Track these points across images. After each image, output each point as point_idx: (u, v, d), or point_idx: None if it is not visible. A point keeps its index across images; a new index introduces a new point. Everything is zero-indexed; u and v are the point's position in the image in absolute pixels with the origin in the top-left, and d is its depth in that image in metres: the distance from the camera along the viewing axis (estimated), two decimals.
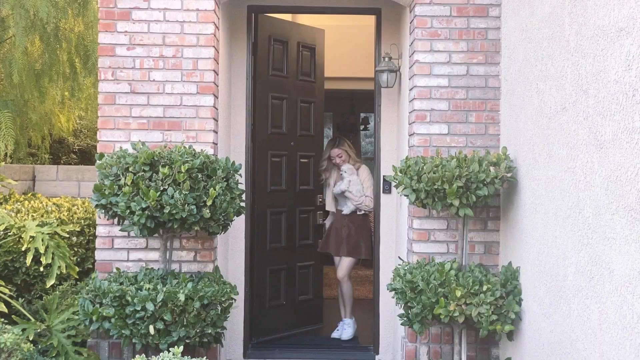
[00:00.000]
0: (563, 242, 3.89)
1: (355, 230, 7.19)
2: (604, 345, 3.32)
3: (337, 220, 7.31)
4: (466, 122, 5.25)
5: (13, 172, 8.65)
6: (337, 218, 7.33)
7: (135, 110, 5.24)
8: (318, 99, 7.56)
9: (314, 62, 7.50)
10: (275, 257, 6.91)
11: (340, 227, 7.23)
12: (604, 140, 3.37)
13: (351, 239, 7.17)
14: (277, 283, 6.94)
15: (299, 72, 7.31)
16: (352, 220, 7.21)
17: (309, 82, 7.44)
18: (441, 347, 5.21)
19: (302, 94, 7.33)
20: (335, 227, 7.30)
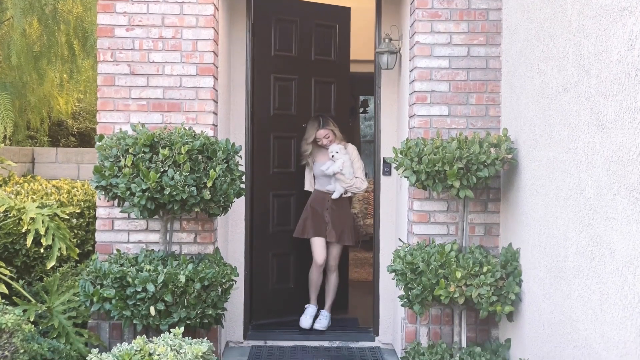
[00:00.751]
0: (564, 223, 3.89)
1: (341, 214, 6.73)
2: (604, 325, 3.33)
3: (318, 202, 6.70)
4: (467, 104, 5.23)
5: (12, 155, 8.64)
6: (318, 200, 6.72)
7: (134, 92, 5.22)
8: (340, 78, 7.26)
9: (336, 41, 7.22)
10: (280, 241, 6.86)
11: (322, 210, 6.68)
12: (605, 120, 3.36)
13: (338, 224, 6.70)
14: (282, 266, 6.87)
15: (314, 51, 7.08)
16: (336, 203, 6.69)
17: (328, 61, 7.15)
18: (441, 328, 5.23)
19: (319, 74, 7.09)
20: (314, 209, 6.69)
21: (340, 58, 7.24)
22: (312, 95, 7.04)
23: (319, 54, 7.09)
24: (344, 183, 6.59)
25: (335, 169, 6.52)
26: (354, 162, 6.67)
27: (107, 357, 3.89)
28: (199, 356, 3.92)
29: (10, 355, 3.73)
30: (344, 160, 6.57)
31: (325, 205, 6.66)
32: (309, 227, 6.65)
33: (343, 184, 6.59)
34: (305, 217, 6.70)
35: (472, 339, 5.13)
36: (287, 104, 6.91)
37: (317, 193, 6.73)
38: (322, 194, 6.69)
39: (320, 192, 6.70)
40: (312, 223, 6.64)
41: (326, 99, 7.14)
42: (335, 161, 6.56)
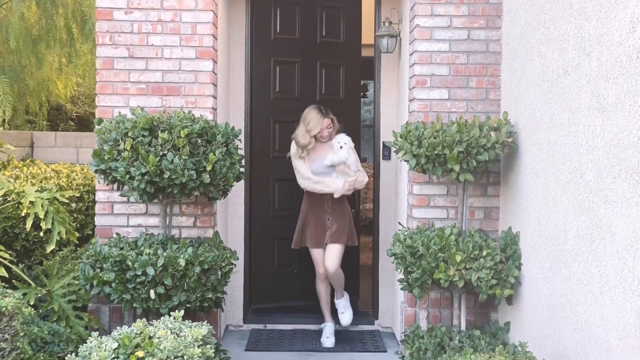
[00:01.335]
0: (564, 206, 3.88)
1: (344, 213, 5.97)
2: (604, 308, 3.34)
3: (316, 206, 5.94)
4: (467, 87, 5.22)
5: (11, 139, 8.62)
6: (316, 202, 5.93)
7: (133, 75, 5.20)
8: (350, 61, 6.95)
9: (344, 22, 6.92)
10: (281, 225, 6.78)
11: (322, 214, 5.92)
12: (606, 103, 3.35)
13: (342, 225, 5.94)
14: (282, 251, 6.72)
15: (320, 33, 6.85)
16: (337, 202, 5.91)
17: (336, 43, 6.89)
18: (440, 311, 5.24)
19: (325, 57, 6.86)
20: (312, 215, 5.96)
21: (349, 40, 6.97)
22: (318, 79, 6.84)
23: (326, 36, 6.86)
24: (348, 177, 5.81)
25: (341, 157, 5.75)
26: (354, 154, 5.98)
27: (108, 340, 3.89)
28: (199, 339, 3.93)
29: (10, 339, 3.73)
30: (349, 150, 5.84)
31: (325, 207, 5.92)
32: (308, 236, 5.97)
33: (348, 178, 5.82)
34: (302, 225, 6.03)
35: (472, 323, 5.14)
36: (290, 88, 6.76)
37: (314, 196, 5.91)
38: (319, 195, 5.88)
39: (318, 194, 5.89)
40: (310, 232, 5.95)
41: (334, 83, 6.90)
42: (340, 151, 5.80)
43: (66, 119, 12.02)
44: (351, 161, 5.83)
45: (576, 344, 3.66)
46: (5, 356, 3.69)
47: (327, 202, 5.90)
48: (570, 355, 3.73)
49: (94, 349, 3.85)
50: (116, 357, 3.76)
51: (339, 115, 6.69)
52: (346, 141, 5.79)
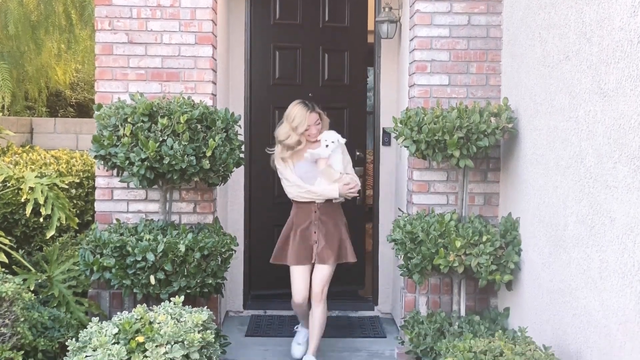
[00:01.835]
0: (564, 191, 3.88)
1: (336, 223, 5.12)
2: (603, 292, 3.34)
3: (302, 216, 5.09)
4: (467, 73, 5.20)
5: (10, 125, 8.60)
6: (302, 212, 5.10)
7: (133, 61, 5.19)
8: (356, 46, 6.81)
9: (349, 6, 6.76)
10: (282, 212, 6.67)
11: (307, 225, 5.06)
12: (607, 88, 3.34)
13: (333, 238, 5.07)
14: None
15: (323, 17, 6.73)
16: (326, 210, 5.07)
17: (340, 28, 6.76)
18: (440, 297, 5.25)
19: (329, 42, 6.75)
20: (296, 226, 5.10)
21: (355, 24, 6.82)
22: (321, 65, 6.76)
23: (329, 21, 6.75)
24: (330, 180, 5.00)
25: (321, 152, 4.97)
26: (344, 154, 5.13)
27: (108, 325, 3.90)
28: (199, 324, 3.94)
29: (10, 324, 3.74)
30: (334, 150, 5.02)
31: (312, 216, 5.06)
32: (289, 252, 5.11)
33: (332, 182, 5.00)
34: (285, 237, 5.17)
35: (471, 308, 5.15)
36: (291, 74, 6.70)
37: (301, 204, 5.09)
38: (305, 204, 5.06)
39: (304, 203, 5.07)
40: (293, 246, 5.09)
41: (338, 69, 6.80)
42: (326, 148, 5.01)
43: (65, 105, 12.00)
44: (335, 161, 4.99)
45: (576, 329, 3.67)
46: (5, 341, 3.69)
47: (315, 211, 5.05)
48: (570, 340, 3.74)
49: (94, 334, 3.86)
50: (116, 342, 3.77)
51: (343, 102, 6.75)
52: (334, 139, 4.96)
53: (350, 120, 6.73)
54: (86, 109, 11.87)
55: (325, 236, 5.02)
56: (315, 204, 5.03)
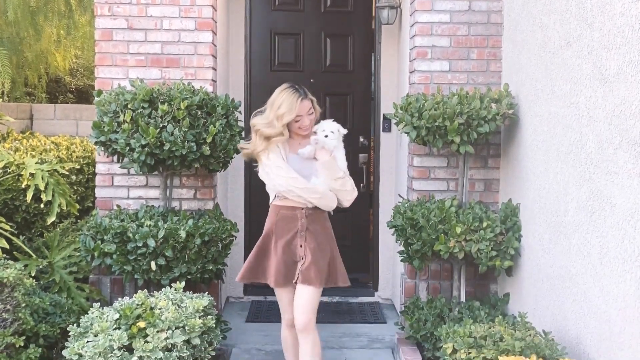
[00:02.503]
0: (564, 177, 3.88)
1: (326, 236, 4.10)
2: (604, 278, 3.35)
3: (285, 224, 4.05)
4: (467, 59, 5.19)
5: (10, 111, 8.59)
6: (285, 220, 4.05)
7: (132, 47, 5.17)
8: (360, 30, 6.67)
9: None
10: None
11: (292, 236, 4.02)
12: (608, 74, 3.34)
13: (322, 254, 4.03)
14: None
15: (324, 3, 6.65)
16: (315, 219, 4.05)
17: (343, 12, 6.65)
18: (440, 283, 5.26)
19: (331, 28, 6.66)
20: (280, 236, 4.04)
21: (359, 8, 6.71)
22: (323, 50, 6.69)
23: (331, 5, 6.68)
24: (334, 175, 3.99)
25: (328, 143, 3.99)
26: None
27: (109, 311, 3.91)
28: (200, 310, 3.95)
29: (12, 309, 3.75)
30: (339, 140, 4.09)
31: (297, 225, 4.01)
32: (269, 269, 4.09)
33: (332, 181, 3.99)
34: (260, 250, 4.13)
35: (471, 294, 5.16)
36: (292, 60, 6.66)
37: (282, 210, 4.04)
38: (290, 210, 4.02)
39: (288, 208, 4.03)
40: (275, 263, 4.03)
41: (340, 55, 6.71)
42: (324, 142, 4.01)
43: (65, 91, 11.98)
44: (340, 156, 4.06)
45: (576, 314, 3.68)
46: (7, 327, 3.71)
47: (302, 218, 4.00)
48: (570, 325, 3.75)
49: (95, 319, 3.87)
50: (118, 327, 3.79)
51: (346, 88, 6.69)
52: (333, 129, 4.01)
53: (354, 106, 6.69)
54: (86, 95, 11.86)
55: (313, 251, 3.97)
56: (302, 210, 3.99)
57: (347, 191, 4.05)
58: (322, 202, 4.00)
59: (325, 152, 3.98)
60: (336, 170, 3.98)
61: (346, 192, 4.04)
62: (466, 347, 3.68)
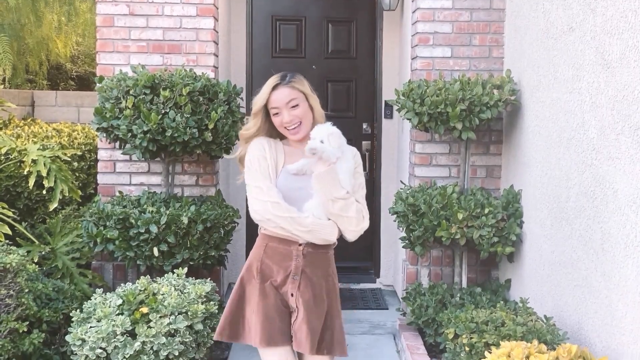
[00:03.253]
0: (566, 163, 3.88)
1: (324, 285, 3.10)
2: (605, 264, 3.36)
3: (273, 263, 3.05)
4: (470, 45, 5.18)
5: (11, 98, 8.57)
6: (274, 257, 3.05)
7: (134, 33, 5.16)
8: (363, 15, 6.54)
9: None
10: None
11: (282, 279, 3.04)
12: (611, 59, 3.33)
13: (316, 310, 3.01)
14: None
15: None
16: (314, 259, 3.06)
17: None
18: (442, 269, 5.26)
19: (333, 13, 6.54)
20: (264, 278, 3.05)
21: None
22: (325, 37, 6.59)
23: None
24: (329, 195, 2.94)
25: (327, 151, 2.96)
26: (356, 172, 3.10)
27: (112, 296, 3.93)
28: (202, 296, 3.97)
29: (15, 295, 3.76)
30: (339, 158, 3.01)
31: (290, 266, 3.03)
32: (253, 324, 3.02)
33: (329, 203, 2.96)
34: (238, 297, 3.11)
35: (473, 280, 5.17)
36: (293, 46, 6.59)
37: (272, 243, 3.05)
38: (282, 244, 3.03)
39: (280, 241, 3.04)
40: (259, 314, 3.00)
41: (343, 41, 6.61)
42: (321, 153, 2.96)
43: (66, 78, 11.96)
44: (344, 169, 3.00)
45: (577, 300, 3.69)
46: (10, 312, 3.72)
47: (297, 257, 3.02)
48: (571, 311, 3.76)
49: (98, 305, 3.89)
50: (120, 313, 3.80)
51: (350, 76, 6.59)
52: (330, 132, 2.99)
53: (357, 93, 6.64)
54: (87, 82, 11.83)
55: (306, 305, 2.97)
56: (299, 247, 2.99)
57: (350, 218, 2.95)
58: (315, 236, 2.94)
59: (323, 163, 2.94)
60: (334, 187, 2.91)
61: (348, 219, 2.95)
62: (468, 332, 3.70)
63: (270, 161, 3.03)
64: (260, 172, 2.99)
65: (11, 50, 8.03)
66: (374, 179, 6.57)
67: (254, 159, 3.03)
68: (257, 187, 2.96)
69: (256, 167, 3.01)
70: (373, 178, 6.64)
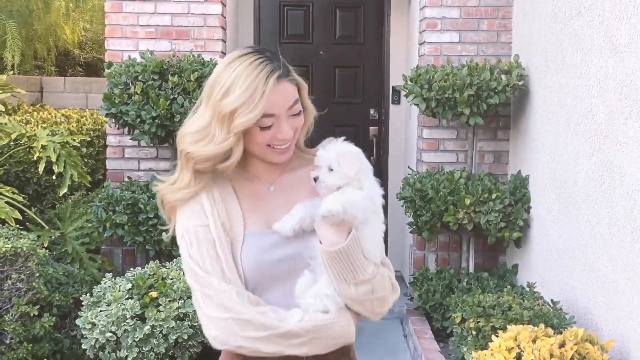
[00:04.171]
0: (574, 148, 3.88)
1: None
2: (612, 248, 3.36)
3: None
4: (478, 30, 5.17)
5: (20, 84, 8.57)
6: None
7: (142, 19, 5.17)
8: (371, 2, 6.49)
9: None
10: None
11: None
12: (619, 44, 3.33)
13: None
14: None
15: None
16: None
17: None
18: (449, 254, 5.28)
19: None
20: None
21: None
22: (332, 23, 6.56)
23: None
24: (351, 278, 1.75)
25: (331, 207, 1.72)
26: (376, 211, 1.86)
27: (122, 281, 3.96)
28: None
29: (26, 279, 3.79)
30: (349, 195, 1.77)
31: None
32: None
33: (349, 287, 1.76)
34: None
35: (480, 265, 5.18)
36: (301, 32, 6.58)
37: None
38: None
39: None
40: None
41: (351, 27, 6.58)
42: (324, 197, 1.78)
43: (74, 64, 11.96)
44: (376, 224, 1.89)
45: (584, 284, 3.70)
46: (21, 296, 3.75)
47: None
48: (578, 295, 3.78)
49: (108, 289, 3.92)
50: (130, 297, 3.83)
51: (358, 62, 6.57)
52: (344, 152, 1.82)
53: (365, 78, 6.62)
54: (94, 68, 11.83)
55: None
56: None
57: (380, 300, 1.84)
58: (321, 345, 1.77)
59: (334, 219, 1.72)
60: (357, 265, 1.76)
61: (378, 301, 1.84)
62: (475, 317, 3.72)
63: (217, 228, 1.78)
64: (206, 261, 1.75)
65: (20, 36, 8.04)
66: (381, 164, 6.58)
67: (190, 236, 1.79)
68: (206, 295, 1.72)
69: (196, 253, 1.76)
70: (380, 164, 6.65)
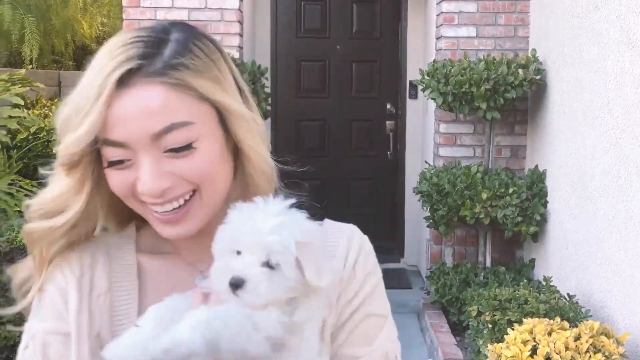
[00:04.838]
0: (591, 143, 3.88)
1: None
2: (629, 242, 3.36)
3: None
4: (495, 25, 5.16)
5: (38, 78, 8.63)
6: None
7: (160, 13, 5.19)
8: None
9: None
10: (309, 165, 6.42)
11: None
12: (635, 38, 3.32)
13: None
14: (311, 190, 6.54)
15: None
16: None
17: None
18: (466, 249, 5.28)
19: None
20: None
21: None
22: (349, 17, 6.56)
23: None
24: None
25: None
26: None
27: None
28: None
29: None
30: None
31: None
32: None
33: None
34: None
35: (497, 260, 5.18)
36: (318, 27, 6.59)
37: None
38: None
39: None
40: None
41: (368, 21, 6.58)
42: None
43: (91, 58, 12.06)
44: None
45: (600, 278, 3.70)
46: None
47: None
48: (595, 289, 3.78)
49: None
50: None
51: (374, 56, 6.57)
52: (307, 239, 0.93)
53: (381, 73, 6.62)
54: None
55: None
56: None
57: None
58: None
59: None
60: None
61: None
62: (491, 310, 3.73)
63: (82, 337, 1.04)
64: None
65: (38, 31, 8.10)
66: (398, 159, 6.59)
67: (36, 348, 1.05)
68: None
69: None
70: (397, 158, 6.65)
